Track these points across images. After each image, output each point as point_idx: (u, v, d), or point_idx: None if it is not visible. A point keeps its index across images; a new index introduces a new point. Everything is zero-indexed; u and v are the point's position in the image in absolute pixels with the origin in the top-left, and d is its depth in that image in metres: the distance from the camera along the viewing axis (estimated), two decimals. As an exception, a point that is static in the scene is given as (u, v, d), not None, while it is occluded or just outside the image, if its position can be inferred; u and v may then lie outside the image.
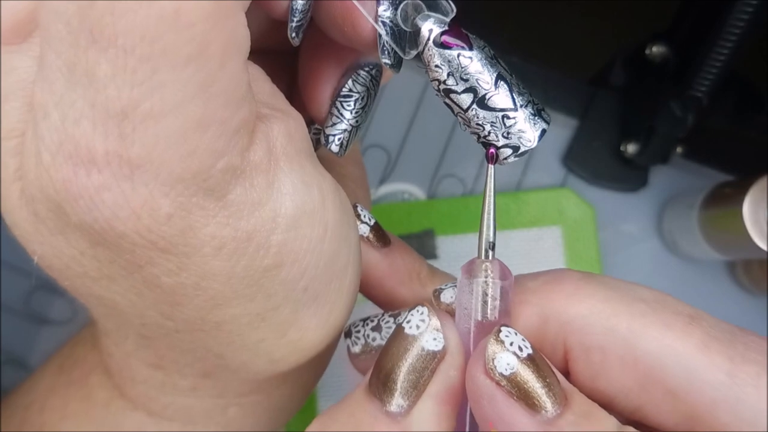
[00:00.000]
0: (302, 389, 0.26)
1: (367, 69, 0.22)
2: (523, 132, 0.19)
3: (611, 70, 0.56)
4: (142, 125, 0.15)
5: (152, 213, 0.16)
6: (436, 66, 0.18)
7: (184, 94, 0.15)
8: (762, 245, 0.44)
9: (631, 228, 0.55)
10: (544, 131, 0.19)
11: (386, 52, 0.19)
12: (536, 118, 0.19)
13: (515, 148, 0.19)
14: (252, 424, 0.25)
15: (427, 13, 0.19)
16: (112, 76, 0.14)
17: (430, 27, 0.18)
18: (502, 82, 0.18)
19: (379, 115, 0.56)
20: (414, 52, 0.19)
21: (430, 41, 0.18)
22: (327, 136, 0.22)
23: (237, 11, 0.16)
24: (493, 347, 0.18)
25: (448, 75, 0.18)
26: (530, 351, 0.18)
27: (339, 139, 0.22)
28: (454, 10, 0.19)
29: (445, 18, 0.19)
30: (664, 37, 0.50)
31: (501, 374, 0.17)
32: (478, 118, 0.19)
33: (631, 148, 0.53)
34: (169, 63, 0.14)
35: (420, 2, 0.19)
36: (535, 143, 0.19)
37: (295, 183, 0.18)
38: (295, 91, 0.24)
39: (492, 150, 0.19)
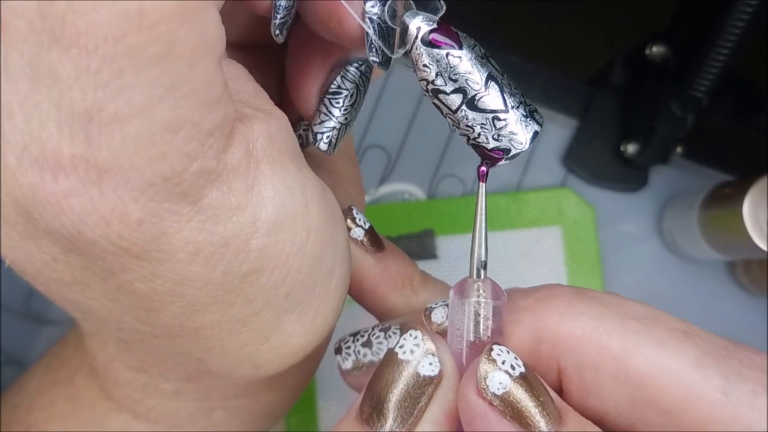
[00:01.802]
0: (290, 392, 0.25)
1: (356, 65, 0.22)
2: (514, 134, 0.18)
3: (611, 70, 0.56)
4: (108, 129, 0.14)
5: (122, 219, 0.15)
6: (424, 66, 0.18)
7: (152, 96, 0.14)
8: (762, 245, 0.44)
9: (631, 228, 0.55)
10: (536, 133, 0.18)
11: (374, 50, 0.18)
12: (528, 119, 0.18)
13: (506, 151, 0.18)
14: (238, 427, 0.25)
15: (415, 10, 0.18)
16: (75, 77, 0.14)
17: (418, 25, 0.18)
18: (492, 83, 0.18)
19: (379, 115, 0.56)
20: (402, 51, 0.18)
21: (418, 40, 0.18)
22: (315, 134, 0.22)
23: (206, 9, 0.15)
24: (485, 366, 0.17)
25: (437, 75, 0.18)
26: (522, 369, 0.18)
27: (328, 137, 0.22)
28: (444, 7, 0.18)
29: (434, 16, 0.18)
30: (664, 37, 0.50)
31: (493, 394, 0.17)
32: (467, 119, 0.18)
33: (631, 148, 0.53)
34: (134, 64, 0.14)
35: None
36: (527, 146, 0.18)
37: (277, 186, 0.18)
38: (285, 87, 0.24)
39: (483, 168, 0.19)
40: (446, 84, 0.18)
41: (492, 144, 0.18)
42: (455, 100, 0.18)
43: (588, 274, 0.53)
